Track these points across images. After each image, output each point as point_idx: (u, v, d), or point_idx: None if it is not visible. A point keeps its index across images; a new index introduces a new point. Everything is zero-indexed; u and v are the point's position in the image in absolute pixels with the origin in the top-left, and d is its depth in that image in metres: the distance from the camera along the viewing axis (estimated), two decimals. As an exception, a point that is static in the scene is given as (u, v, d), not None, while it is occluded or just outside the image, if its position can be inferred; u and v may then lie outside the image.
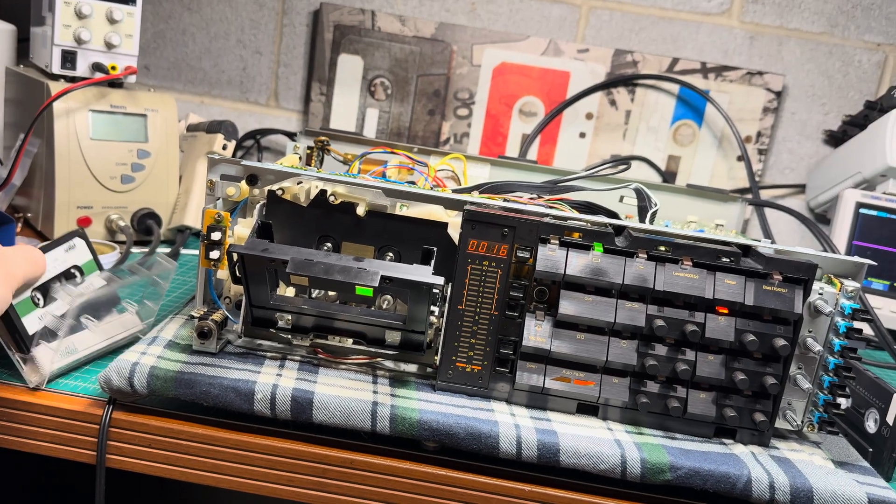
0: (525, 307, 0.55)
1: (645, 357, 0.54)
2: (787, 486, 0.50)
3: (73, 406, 0.53)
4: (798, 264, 0.53)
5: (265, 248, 0.49)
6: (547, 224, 0.54)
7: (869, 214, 0.99)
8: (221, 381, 0.52)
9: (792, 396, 0.56)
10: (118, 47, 0.89)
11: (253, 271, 0.50)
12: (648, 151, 1.15)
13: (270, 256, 0.49)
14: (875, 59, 1.14)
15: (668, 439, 0.54)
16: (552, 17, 1.15)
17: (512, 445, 0.51)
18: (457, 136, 1.17)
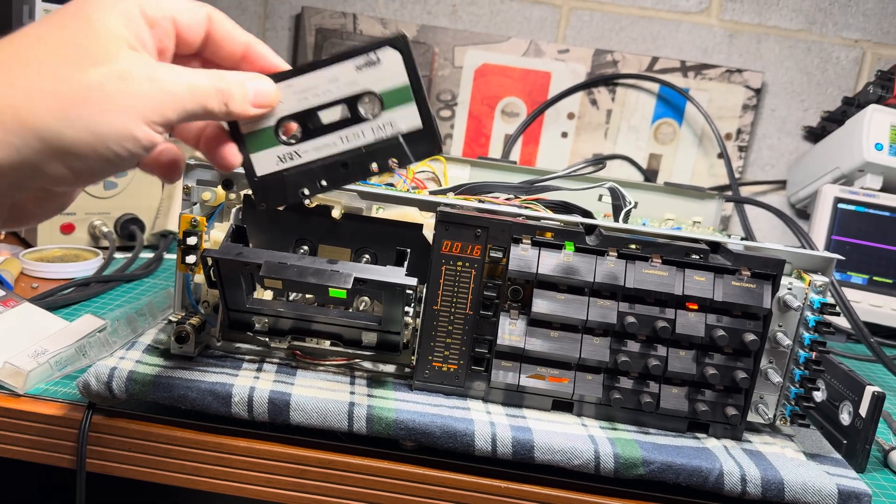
0: (499, 306, 0.55)
1: (617, 353, 0.54)
2: (758, 478, 0.51)
3: (53, 411, 0.53)
4: (766, 260, 0.54)
5: (239, 252, 0.50)
6: (519, 224, 0.55)
7: (847, 209, 1.00)
8: (199, 384, 0.52)
9: (764, 390, 0.57)
10: (99, 54, 0.90)
11: (227, 275, 0.51)
12: (630, 150, 1.16)
13: (244, 260, 0.49)
14: (853, 55, 1.15)
15: (641, 434, 0.55)
16: (533, 18, 1.16)
17: (487, 443, 0.51)
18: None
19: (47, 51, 0.36)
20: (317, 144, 0.45)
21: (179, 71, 0.39)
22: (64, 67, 0.35)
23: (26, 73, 0.35)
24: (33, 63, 0.35)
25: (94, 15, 0.37)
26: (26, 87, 0.35)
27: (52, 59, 0.36)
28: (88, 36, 0.36)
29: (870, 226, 0.99)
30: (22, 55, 0.36)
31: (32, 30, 0.37)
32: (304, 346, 0.58)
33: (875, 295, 0.98)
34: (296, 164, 0.46)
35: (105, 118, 0.36)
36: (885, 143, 0.98)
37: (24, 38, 0.37)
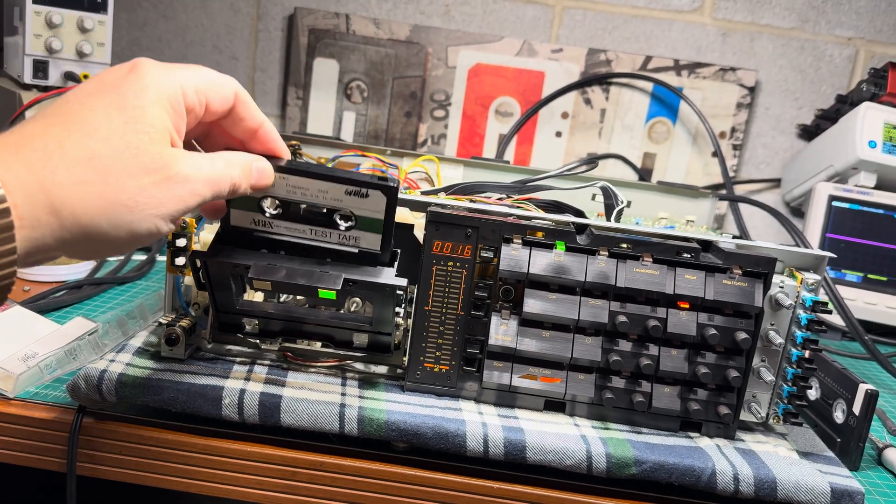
0: (491, 306, 0.55)
1: (609, 353, 0.54)
2: (750, 477, 0.51)
3: (43, 415, 0.53)
4: (757, 258, 0.54)
5: (228, 254, 0.49)
6: (510, 224, 0.54)
7: (841, 207, 1.00)
8: (189, 386, 0.52)
9: (756, 389, 0.57)
10: (90, 56, 0.89)
11: (217, 277, 0.51)
12: (624, 149, 1.15)
13: (233, 262, 0.49)
14: (846, 53, 1.15)
15: (633, 434, 0.55)
16: (526, 18, 1.16)
17: (479, 444, 0.51)
18: (434, 137, 1.17)
19: (102, 145, 0.38)
20: (289, 226, 0.50)
21: (202, 165, 0.42)
22: (118, 172, 0.38)
23: (82, 166, 0.37)
24: (87, 154, 0.37)
25: (147, 107, 0.39)
26: (80, 182, 0.37)
27: (106, 158, 0.37)
28: (140, 134, 0.39)
29: (864, 223, 0.99)
30: (77, 140, 0.37)
31: (86, 110, 0.38)
32: (295, 347, 0.58)
33: (869, 293, 0.98)
34: (265, 230, 0.50)
35: (145, 222, 0.39)
36: (879, 141, 0.98)
37: (77, 116, 0.38)
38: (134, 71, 0.40)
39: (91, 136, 0.37)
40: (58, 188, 0.36)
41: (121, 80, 0.40)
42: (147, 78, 0.40)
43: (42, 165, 0.36)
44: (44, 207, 0.36)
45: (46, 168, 0.36)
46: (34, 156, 0.36)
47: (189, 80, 0.42)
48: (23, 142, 0.37)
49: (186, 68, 0.43)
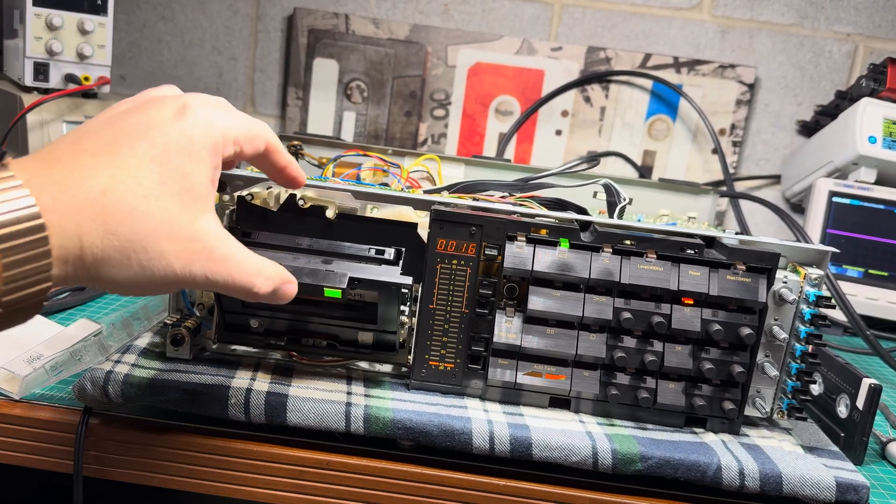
0: (495, 304, 0.55)
1: (614, 349, 0.54)
2: (756, 472, 0.51)
3: (49, 416, 0.53)
4: (761, 254, 0.54)
5: None
6: (514, 222, 0.54)
7: (842, 203, 1.00)
8: (195, 387, 0.52)
9: (760, 384, 0.57)
10: (91, 58, 0.90)
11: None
12: (624, 147, 1.16)
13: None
14: (845, 48, 1.16)
15: (639, 430, 0.55)
16: (525, 17, 1.16)
17: (485, 441, 0.51)
18: (434, 136, 1.18)
19: (141, 204, 0.38)
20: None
21: (230, 258, 0.42)
22: (148, 235, 0.38)
23: (118, 223, 0.37)
24: (127, 209, 0.37)
25: (191, 173, 0.40)
26: (111, 234, 0.37)
27: (142, 218, 0.38)
28: (178, 201, 0.39)
29: (865, 219, 1.00)
30: (121, 193, 0.37)
31: (131, 155, 0.38)
32: (301, 347, 0.58)
33: (871, 288, 0.98)
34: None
35: (159, 277, 0.39)
36: (879, 136, 0.99)
37: (125, 160, 0.38)
38: (182, 116, 0.40)
39: (133, 191, 0.37)
40: (89, 238, 0.36)
41: (167, 126, 0.40)
42: (193, 129, 0.40)
43: (83, 212, 0.36)
44: (76, 249, 0.36)
45: (87, 215, 0.36)
46: (80, 197, 0.36)
47: (230, 130, 0.42)
48: (69, 173, 0.36)
49: (227, 114, 0.43)
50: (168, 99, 0.41)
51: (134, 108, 0.41)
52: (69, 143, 0.38)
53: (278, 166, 0.47)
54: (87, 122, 0.40)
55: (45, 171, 0.36)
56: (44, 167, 0.36)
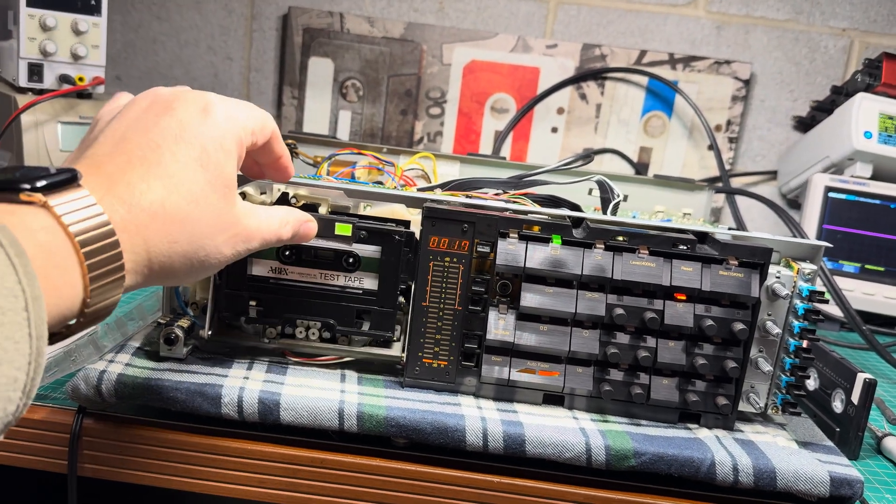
0: (488, 301, 0.55)
1: (607, 346, 0.54)
2: (750, 467, 0.51)
3: (43, 416, 0.53)
4: (753, 249, 0.54)
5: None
6: (506, 218, 0.54)
7: (838, 198, 1.00)
8: (188, 386, 0.52)
9: (754, 379, 0.57)
10: (85, 58, 0.89)
11: None
12: (620, 144, 1.16)
13: None
14: (840, 44, 1.15)
15: (632, 426, 0.55)
16: (520, 14, 1.16)
17: (478, 438, 0.51)
18: (430, 135, 1.18)
19: (192, 208, 0.41)
20: (302, 271, 0.56)
21: (262, 223, 0.47)
22: (202, 234, 0.42)
23: (177, 227, 0.40)
24: (182, 216, 0.40)
25: (224, 164, 0.43)
26: (172, 241, 0.40)
27: (195, 220, 0.41)
28: (220, 195, 0.42)
29: (861, 214, 1.00)
30: (176, 201, 0.40)
31: (173, 161, 0.40)
32: (295, 343, 0.58)
33: (867, 283, 0.98)
34: (280, 278, 0.56)
35: (209, 270, 0.44)
36: (875, 131, 0.99)
37: (168, 167, 0.40)
38: (208, 114, 0.42)
39: (186, 198, 0.40)
40: (155, 249, 0.39)
41: (198, 126, 0.42)
42: (221, 126, 0.43)
43: (148, 226, 0.38)
44: (144, 261, 0.39)
45: (151, 230, 0.38)
46: (143, 213, 0.38)
47: (248, 122, 0.45)
48: (128, 190, 0.38)
49: (244, 109, 0.46)
50: (188, 97, 0.43)
51: (158, 108, 0.42)
52: (111, 153, 0.40)
53: (276, 154, 0.50)
54: (112, 124, 0.42)
55: (107, 187, 0.37)
56: (104, 183, 0.37)
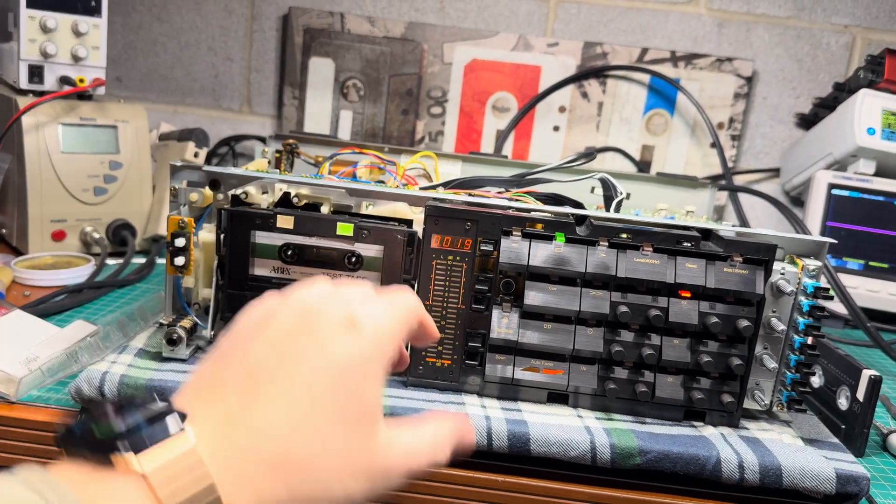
0: (492, 300, 0.55)
1: (611, 343, 0.54)
2: (755, 464, 0.51)
3: (46, 417, 0.53)
4: (758, 245, 0.54)
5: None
6: (509, 216, 0.54)
7: (841, 195, 1.00)
8: (191, 386, 0.52)
9: (759, 376, 0.56)
10: (85, 60, 0.89)
11: (239, 234, 0.54)
12: (622, 142, 1.15)
13: (256, 210, 0.53)
14: (843, 40, 1.15)
15: (637, 424, 0.55)
16: (521, 13, 1.16)
17: (483, 437, 0.51)
18: (431, 134, 1.17)
19: (334, 460, 0.35)
20: (304, 270, 0.56)
21: (402, 455, 0.38)
22: (334, 485, 0.35)
23: (307, 487, 0.34)
24: (319, 484, 0.34)
25: (375, 410, 0.36)
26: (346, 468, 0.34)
27: (328, 475, 0.34)
28: (367, 452, 0.35)
29: (864, 211, 0.99)
30: (312, 472, 0.34)
31: (318, 407, 0.34)
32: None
33: (872, 280, 0.98)
34: (283, 277, 0.56)
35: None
36: (878, 128, 0.98)
37: (312, 420, 0.34)
38: (353, 332, 0.36)
39: (315, 440, 0.34)
40: (266, 496, 0.32)
41: (341, 347, 0.35)
42: (368, 346, 0.36)
43: (263, 475, 0.32)
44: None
45: (267, 479, 0.32)
46: (261, 464, 0.32)
47: (396, 333, 0.38)
48: (248, 436, 0.32)
49: (391, 313, 0.38)
50: (330, 308, 0.37)
51: (295, 323, 0.36)
52: (240, 386, 0.34)
53: (424, 334, 0.43)
54: (249, 345, 0.35)
55: (224, 433, 0.32)
56: (221, 425, 0.32)
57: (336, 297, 0.38)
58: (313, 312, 0.36)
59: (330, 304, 0.37)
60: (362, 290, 0.39)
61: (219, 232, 0.55)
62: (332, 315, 0.36)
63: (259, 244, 0.55)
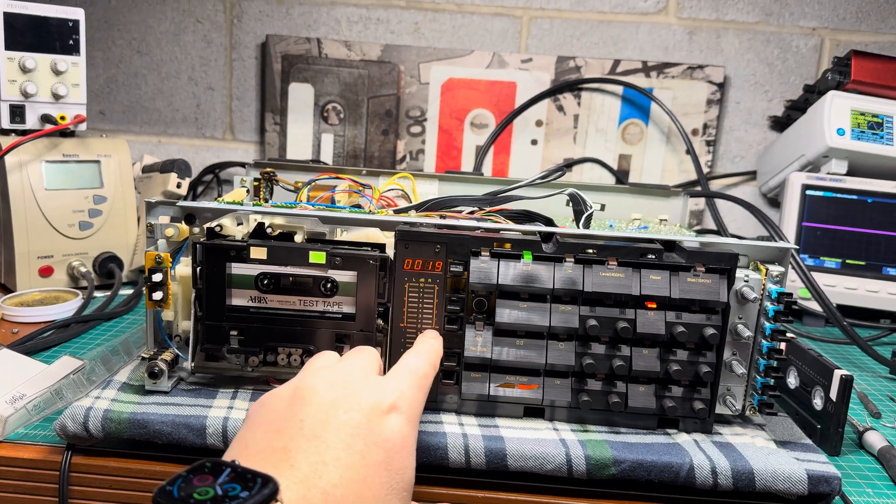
0: (465, 319, 0.56)
1: (583, 357, 0.55)
2: (728, 470, 0.52)
3: (33, 455, 0.54)
4: (720, 255, 0.55)
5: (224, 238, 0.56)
6: (477, 237, 0.56)
7: (815, 195, 1.01)
8: (173, 418, 0.53)
9: (730, 382, 0.58)
10: (66, 97, 0.91)
11: (213, 266, 0.55)
12: (599, 152, 1.17)
13: (231, 242, 0.54)
14: (811, 43, 1.17)
15: (612, 434, 0.56)
16: (494, 31, 1.18)
17: (461, 455, 0.52)
18: (412, 153, 1.19)
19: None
20: (281, 298, 0.57)
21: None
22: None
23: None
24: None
25: (410, 480, 0.43)
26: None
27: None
28: (403, 493, 0.42)
29: (839, 210, 1.01)
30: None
31: (367, 490, 0.40)
32: (278, 371, 0.59)
33: (849, 278, 1.00)
34: (260, 307, 0.57)
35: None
36: (847, 128, 1.00)
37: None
38: (393, 413, 0.43)
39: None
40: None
41: (386, 430, 0.42)
42: (405, 425, 0.43)
43: None
44: None
45: None
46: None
47: (423, 402, 0.46)
48: (311, 483, 0.37)
49: (416, 388, 0.46)
50: (368, 391, 0.43)
51: (335, 399, 0.42)
52: (305, 453, 0.39)
53: None
54: (298, 415, 0.41)
55: (299, 493, 0.37)
56: (297, 487, 0.37)
57: (377, 389, 0.44)
58: (353, 388, 0.43)
59: (362, 390, 0.43)
60: (373, 363, 0.47)
61: (194, 265, 0.56)
62: (370, 398, 0.43)
63: (235, 275, 0.56)
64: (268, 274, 0.56)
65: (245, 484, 0.34)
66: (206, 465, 0.36)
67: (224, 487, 0.34)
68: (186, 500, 0.34)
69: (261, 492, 0.34)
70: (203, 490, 0.34)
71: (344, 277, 0.57)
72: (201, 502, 0.33)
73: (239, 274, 0.56)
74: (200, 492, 0.34)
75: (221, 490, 0.34)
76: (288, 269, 0.56)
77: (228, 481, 0.35)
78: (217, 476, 0.35)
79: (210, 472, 0.35)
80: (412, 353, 0.50)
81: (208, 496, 0.34)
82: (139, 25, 1.19)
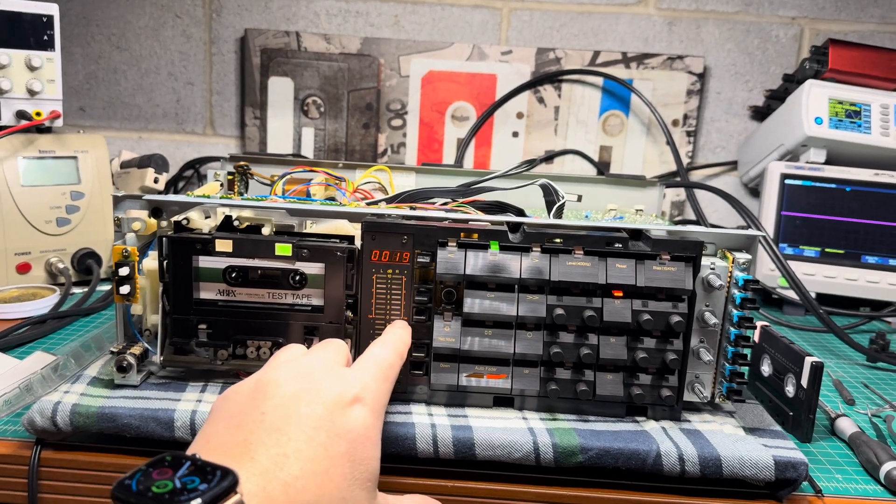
0: (433, 310, 0.57)
1: (551, 346, 0.56)
2: (695, 456, 0.52)
3: (2, 450, 0.54)
4: (685, 243, 0.55)
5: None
6: (444, 228, 0.56)
7: (794, 184, 1.01)
8: (142, 412, 0.53)
9: (698, 369, 0.58)
10: (41, 93, 0.90)
11: (180, 260, 0.55)
12: (580, 144, 1.17)
13: (197, 236, 0.54)
14: (791, 32, 1.17)
15: (580, 422, 0.56)
16: (474, 23, 1.18)
17: (429, 445, 0.52)
18: (394, 146, 1.19)
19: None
20: (249, 291, 0.57)
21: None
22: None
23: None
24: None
25: (376, 472, 0.43)
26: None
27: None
28: (367, 483, 0.43)
29: (817, 199, 1.01)
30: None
31: (329, 482, 0.40)
32: (247, 363, 0.59)
33: (828, 266, 1.00)
34: (229, 300, 0.57)
35: None
36: (825, 117, 1.00)
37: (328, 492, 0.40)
38: (357, 405, 0.43)
39: (334, 495, 0.40)
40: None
41: (349, 421, 0.42)
42: (370, 416, 0.44)
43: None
44: None
45: None
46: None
47: (389, 393, 0.47)
48: (271, 475, 0.38)
49: (381, 380, 0.47)
50: (330, 383, 0.44)
51: (297, 392, 0.43)
52: (266, 445, 0.39)
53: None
54: (259, 408, 0.42)
55: (259, 485, 0.37)
56: (257, 479, 0.37)
57: (336, 374, 0.45)
58: (316, 381, 0.43)
59: (331, 379, 0.44)
60: (339, 356, 0.47)
61: (161, 259, 0.56)
62: (333, 389, 0.43)
63: (202, 268, 0.56)
64: (235, 267, 0.56)
65: (204, 477, 0.35)
66: (166, 459, 0.36)
67: (183, 480, 0.34)
68: (145, 494, 0.34)
69: (219, 484, 0.34)
70: (162, 483, 0.34)
71: (312, 270, 0.57)
72: (159, 495, 0.34)
73: (206, 267, 0.56)
74: (159, 485, 0.34)
75: (180, 483, 0.34)
76: (255, 262, 0.56)
77: (188, 474, 0.35)
78: (177, 469, 0.35)
79: (170, 466, 0.35)
80: (378, 343, 0.51)
81: (167, 489, 0.34)
82: (118, 21, 1.19)
